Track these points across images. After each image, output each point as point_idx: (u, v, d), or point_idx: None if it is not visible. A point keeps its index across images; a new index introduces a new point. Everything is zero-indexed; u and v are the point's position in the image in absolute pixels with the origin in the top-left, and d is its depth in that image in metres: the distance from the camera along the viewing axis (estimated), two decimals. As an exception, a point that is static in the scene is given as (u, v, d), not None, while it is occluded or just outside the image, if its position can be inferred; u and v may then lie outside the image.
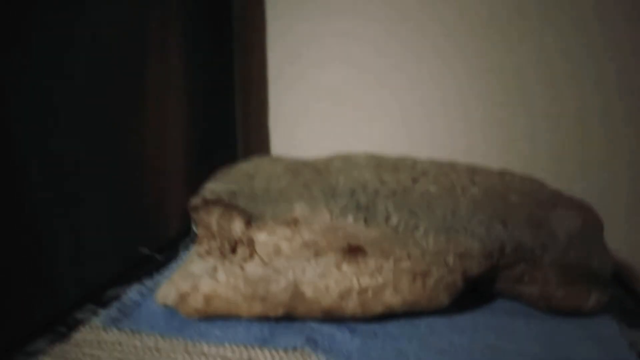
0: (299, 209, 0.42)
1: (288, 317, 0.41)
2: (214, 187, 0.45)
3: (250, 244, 0.43)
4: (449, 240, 0.41)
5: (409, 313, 0.41)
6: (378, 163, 0.48)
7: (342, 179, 0.45)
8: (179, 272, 0.43)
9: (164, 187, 0.58)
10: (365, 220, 0.41)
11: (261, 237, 0.43)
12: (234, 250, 0.44)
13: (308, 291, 0.40)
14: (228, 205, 0.44)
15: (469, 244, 0.41)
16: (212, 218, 0.45)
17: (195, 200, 0.45)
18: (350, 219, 0.41)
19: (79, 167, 0.44)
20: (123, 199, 0.51)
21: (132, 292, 0.45)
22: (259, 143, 0.75)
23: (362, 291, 0.40)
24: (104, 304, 0.45)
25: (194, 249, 0.45)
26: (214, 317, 0.41)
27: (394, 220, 0.42)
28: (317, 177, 0.44)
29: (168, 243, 0.58)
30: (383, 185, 0.44)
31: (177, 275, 0.42)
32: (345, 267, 0.41)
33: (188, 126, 0.64)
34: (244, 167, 0.47)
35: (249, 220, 0.43)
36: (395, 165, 0.48)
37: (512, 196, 0.44)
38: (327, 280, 0.40)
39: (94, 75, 0.45)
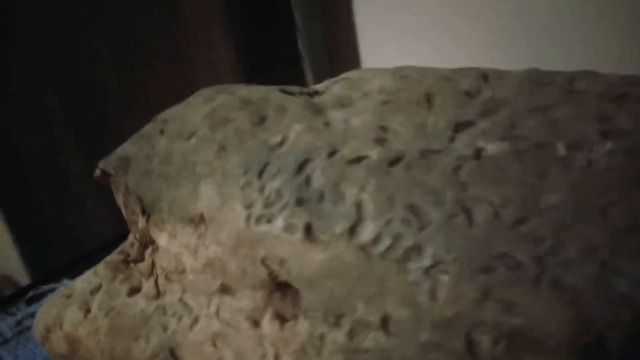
0: (206, 197, 0.22)
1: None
2: (122, 147, 0.27)
3: (154, 249, 0.25)
4: (489, 291, 0.16)
5: None
6: (399, 89, 0.23)
7: (296, 130, 0.22)
8: (71, 285, 0.28)
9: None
10: (309, 229, 0.19)
11: (162, 241, 0.24)
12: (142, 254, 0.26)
13: (197, 358, 0.21)
14: (118, 183, 0.26)
15: (543, 308, 0.16)
16: (119, 198, 0.28)
17: (96, 170, 0.28)
18: (279, 223, 0.20)
19: None
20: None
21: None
22: (342, 48, 0.53)
23: (282, 383, 0.19)
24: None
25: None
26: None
27: (369, 229, 0.18)
28: (251, 130, 0.23)
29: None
30: (381, 143, 0.21)
31: (62, 291, 0.27)
32: (267, 324, 0.20)
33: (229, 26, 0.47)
34: (173, 111, 0.27)
35: (145, 210, 0.25)
36: (441, 89, 0.22)
37: None
38: (225, 348, 0.20)
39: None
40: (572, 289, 0.15)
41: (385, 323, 0.17)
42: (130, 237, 0.28)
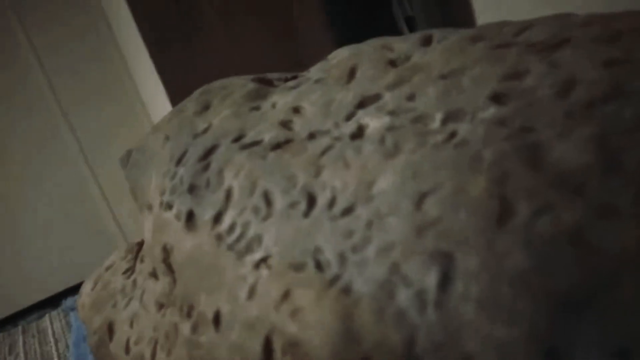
0: (152, 185, 0.23)
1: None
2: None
3: (145, 233, 0.27)
4: (290, 291, 0.14)
5: None
6: (335, 65, 0.21)
7: (221, 116, 0.22)
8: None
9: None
10: (191, 216, 0.19)
11: (144, 225, 0.26)
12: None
13: (120, 335, 0.22)
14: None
15: (319, 317, 0.12)
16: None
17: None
18: (174, 209, 0.20)
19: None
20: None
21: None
22: None
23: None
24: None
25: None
26: None
27: (228, 217, 0.17)
28: (191, 118, 0.23)
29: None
30: (285, 126, 0.19)
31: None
32: (165, 310, 0.20)
33: None
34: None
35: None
36: (370, 60, 0.19)
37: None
38: (135, 329, 0.21)
39: None
40: (356, 297, 0.12)
41: (217, 318, 0.16)
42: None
